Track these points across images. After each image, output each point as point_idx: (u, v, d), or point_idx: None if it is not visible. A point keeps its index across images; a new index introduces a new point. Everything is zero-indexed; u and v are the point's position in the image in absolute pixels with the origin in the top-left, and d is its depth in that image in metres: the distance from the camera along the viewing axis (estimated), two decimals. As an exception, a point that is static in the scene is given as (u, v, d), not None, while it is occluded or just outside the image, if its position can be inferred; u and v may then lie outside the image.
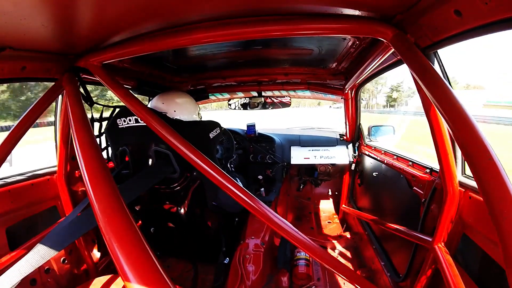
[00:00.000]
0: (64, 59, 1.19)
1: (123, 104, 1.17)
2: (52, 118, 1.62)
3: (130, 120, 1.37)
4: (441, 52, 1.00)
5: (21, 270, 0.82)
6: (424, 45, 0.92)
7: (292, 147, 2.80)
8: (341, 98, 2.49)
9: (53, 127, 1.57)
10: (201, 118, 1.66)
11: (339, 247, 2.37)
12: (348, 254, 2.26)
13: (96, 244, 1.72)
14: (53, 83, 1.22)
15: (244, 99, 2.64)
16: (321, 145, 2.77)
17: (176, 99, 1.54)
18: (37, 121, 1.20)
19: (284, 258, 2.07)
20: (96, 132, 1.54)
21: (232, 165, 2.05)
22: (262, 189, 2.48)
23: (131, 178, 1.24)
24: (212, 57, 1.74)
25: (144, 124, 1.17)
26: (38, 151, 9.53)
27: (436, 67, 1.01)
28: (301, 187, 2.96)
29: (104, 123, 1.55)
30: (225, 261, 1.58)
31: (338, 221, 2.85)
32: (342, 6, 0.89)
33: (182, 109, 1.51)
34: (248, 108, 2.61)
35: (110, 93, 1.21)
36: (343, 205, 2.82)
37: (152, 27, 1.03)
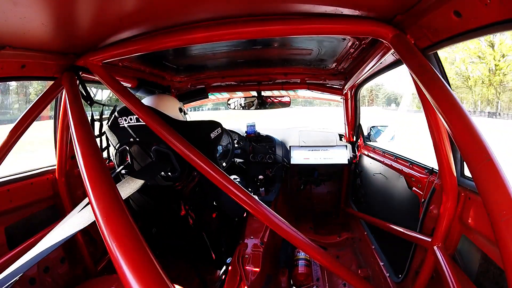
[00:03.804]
0: (63, 58, 1.19)
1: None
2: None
3: (131, 119, 1.36)
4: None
5: (20, 268, 0.82)
6: (424, 46, 0.92)
7: (292, 147, 2.81)
8: (341, 98, 2.49)
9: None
10: (185, 114, 1.64)
11: (338, 247, 2.37)
12: (348, 254, 2.26)
13: (95, 243, 1.71)
14: (52, 82, 1.22)
15: (243, 98, 2.64)
16: (320, 146, 2.78)
17: (155, 98, 1.54)
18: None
19: (286, 257, 2.07)
20: (96, 132, 1.54)
21: (227, 167, 2.04)
22: (262, 189, 2.48)
23: (128, 176, 1.24)
24: (212, 56, 1.74)
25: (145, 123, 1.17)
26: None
27: (436, 68, 1.01)
28: (301, 187, 2.97)
29: (104, 123, 1.55)
30: (227, 261, 1.58)
31: (337, 221, 2.85)
32: (342, 6, 0.89)
33: (161, 105, 1.49)
34: (247, 108, 2.60)
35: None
36: (343, 206, 2.82)
37: (152, 26, 1.03)
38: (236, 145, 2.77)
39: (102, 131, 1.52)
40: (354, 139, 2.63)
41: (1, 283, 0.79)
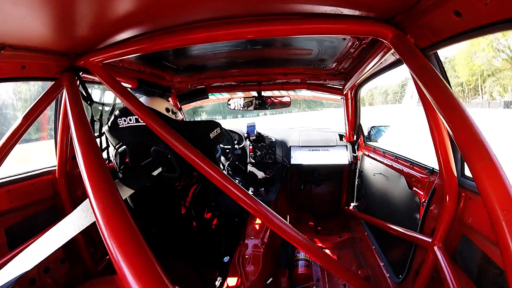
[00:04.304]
0: (64, 58, 1.19)
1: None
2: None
3: (130, 119, 1.37)
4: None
5: (20, 268, 0.82)
6: (424, 46, 0.92)
7: (292, 148, 2.81)
8: (341, 98, 2.49)
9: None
10: (174, 113, 1.61)
11: (338, 248, 2.37)
12: (348, 254, 2.26)
13: (95, 244, 1.71)
14: (53, 83, 1.22)
15: (243, 99, 2.64)
16: (321, 146, 2.77)
17: (146, 100, 1.54)
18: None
19: (286, 257, 2.07)
20: (96, 132, 1.54)
21: (229, 168, 2.03)
22: (262, 189, 2.48)
23: (127, 176, 1.24)
24: (212, 57, 1.74)
25: (145, 123, 1.18)
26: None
27: (436, 67, 1.01)
28: (301, 187, 2.97)
29: (104, 123, 1.55)
30: (224, 259, 1.58)
31: (337, 222, 2.85)
32: (342, 6, 0.89)
33: (150, 103, 1.49)
34: (248, 108, 2.61)
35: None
36: (343, 206, 2.82)
37: (152, 26, 1.03)
38: (236, 145, 2.77)
39: (102, 131, 1.52)
40: (354, 139, 2.63)
41: (3, 285, 0.79)
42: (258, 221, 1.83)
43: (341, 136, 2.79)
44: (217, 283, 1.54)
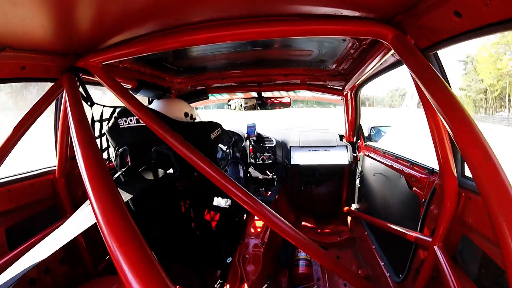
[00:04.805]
0: (64, 59, 1.19)
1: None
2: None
3: (131, 120, 1.36)
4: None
5: (21, 268, 0.82)
6: (424, 46, 0.92)
7: (292, 148, 2.81)
8: (341, 99, 2.49)
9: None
10: (193, 118, 1.59)
11: (339, 248, 2.37)
12: (348, 254, 2.26)
13: (95, 244, 1.71)
14: (53, 83, 1.22)
15: (243, 99, 2.65)
16: (321, 146, 2.78)
17: (161, 102, 1.53)
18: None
19: (287, 257, 2.07)
20: (96, 133, 1.54)
21: (237, 152, 2.01)
22: (262, 189, 2.48)
23: (128, 178, 1.24)
24: (212, 58, 1.74)
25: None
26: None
27: (436, 68, 1.01)
28: (302, 187, 2.97)
29: (104, 124, 1.55)
30: (227, 261, 1.57)
31: (338, 222, 2.85)
32: (342, 7, 0.89)
33: (166, 108, 1.47)
34: (248, 109, 2.61)
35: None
36: (343, 206, 2.82)
37: (152, 27, 1.04)
38: (236, 146, 2.78)
39: (102, 132, 1.52)
40: (354, 140, 2.63)
41: (3, 285, 0.79)
42: (258, 221, 1.83)
43: (341, 137, 2.79)
44: (218, 284, 1.54)
